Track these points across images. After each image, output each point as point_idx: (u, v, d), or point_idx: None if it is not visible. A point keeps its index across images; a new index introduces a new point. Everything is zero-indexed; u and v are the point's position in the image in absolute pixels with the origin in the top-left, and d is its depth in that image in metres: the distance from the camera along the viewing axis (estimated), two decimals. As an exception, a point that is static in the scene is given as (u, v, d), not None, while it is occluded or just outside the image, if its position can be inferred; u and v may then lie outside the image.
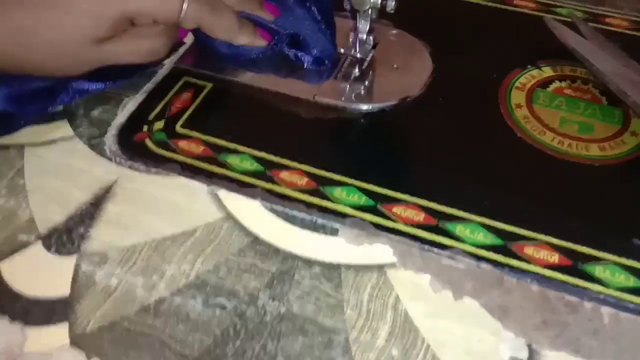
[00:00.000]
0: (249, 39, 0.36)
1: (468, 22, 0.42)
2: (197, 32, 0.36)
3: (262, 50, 0.37)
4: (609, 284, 0.26)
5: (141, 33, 0.34)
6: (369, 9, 0.35)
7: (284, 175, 0.31)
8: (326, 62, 0.37)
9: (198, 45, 0.39)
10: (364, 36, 0.36)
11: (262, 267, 0.27)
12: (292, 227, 0.29)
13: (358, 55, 0.36)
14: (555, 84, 0.36)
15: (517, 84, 0.36)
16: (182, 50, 0.39)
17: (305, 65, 0.37)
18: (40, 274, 0.27)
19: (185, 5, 0.33)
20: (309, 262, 0.27)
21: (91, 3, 0.31)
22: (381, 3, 0.34)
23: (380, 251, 0.28)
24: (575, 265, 0.27)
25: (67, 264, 0.28)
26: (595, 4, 0.43)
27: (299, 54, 0.37)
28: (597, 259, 0.27)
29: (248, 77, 0.37)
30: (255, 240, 0.28)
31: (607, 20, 0.41)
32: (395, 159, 0.32)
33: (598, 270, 0.26)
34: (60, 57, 0.33)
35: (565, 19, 0.41)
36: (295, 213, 0.29)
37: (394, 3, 0.33)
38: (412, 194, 0.30)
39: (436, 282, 0.26)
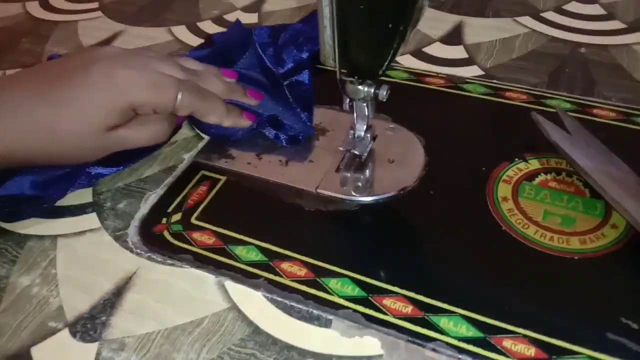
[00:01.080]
0: (235, 122, 0.43)
1: (461, 115, 0.45)
2: (191, 117, 0.42)
3: (246, 131, 0.43)
4: (582, 379, 0.28)
5: (145, 120, 0.40)
6: (364, 98, 0.38)
7: (285, 266, 0.34)
8: (301, 140, 0.42)
9: (214, 141, 0.44)
10: (362, 133, 0.40)
11: (261, 358, 0.30)
12: (289, 318, 0.32)
13: (356, 151, 0.39)
14: (541, 177, 0.39)
15: (504, 176, 0.39)
16: (200, 145, 0.44)
17: (283, 144, 0.42)
18: (66, 359, 0.31)
19: (179, 97, 0.39)
20: (303, 353, 0.30)
21: (102, 99, 0.37)
22: (374, 92, 0.37)
23: (369, 343, 0.30)
24: (550, 359, 0.29)
25: (90, 350, 0.31)
26: (584, 95, 0.46)
27: (278, 133, 0.42)
28: (572, 353, 0.29)
29: (257, 170, 0.41)
30: (256, 330, 0.31)
31: (595, 111, 0.44)
32: (387, 251, 0.35)
33: (572, 365, 0.28)
34: (78, 146, 0.38)
35: (552, 110, 0.44)
36: (293, 304, 0.32)
37: (385, 92, 0.36)
38: (401, 286, 0.33)
39: (419, 374, 0.29)
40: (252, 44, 0.49)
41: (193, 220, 0.38)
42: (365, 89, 0.36)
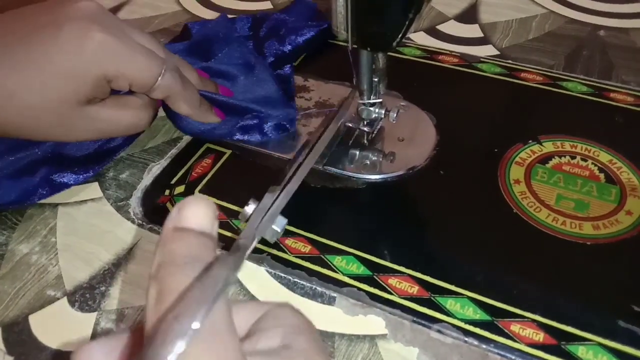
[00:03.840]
0: (205, 116, 0.39)
1: (474, 95, 0.44)
2: (166, 108, 0.39)
3: (224, 132, 0.40)
4: (591, 366, 0.27)
5: (124, 103, 0.36)
6: (375, 119, 0.39)
7: (290, 242, 0.34)
8: (289, 127, 0.40)
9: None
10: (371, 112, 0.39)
11: (262, 333, 0.29)
12: (292, 294, 0.31)
13: (365, 128, 0.38)
14: (555, 160, 0.38)
15: (517, 159, 0.38)
16: (205, 117, 0.43)
17: (270, 136, 0.40)
18: (64, 328, 0.30)
19: (162, 75, 0.34)
20: (305, 330, 0.29)
21: (71, 64, 0.32)
22: (384, 113, 0.38)
23: (373, 322, 0.29)
24: (559, 345, 0.28)
25: (88, 320, 0.30)
26: (601, 78, 0.45)
27: (261, 125, 0.40)
28: (581, 339, 0.28)
29: (263, 145, 0.40)
30: (258, 305, 0.30)
31: (612, 95, 0.43)
32: (393, 231, 0.34)
33: (581, 351, 0.28)
34: (41, 118, 0.33)
35: (571, 92, 0.43)
36: (297, 280, 0.32)
37: (395, 115, 0.38)
38: (407, 266, 0.32)
39: (424, 355, 0.28)
40: (234, 38, 0.46)
41: (197, 193, 0.37)
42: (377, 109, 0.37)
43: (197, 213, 0.18)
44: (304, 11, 0.51)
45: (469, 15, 0.54)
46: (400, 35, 0.30)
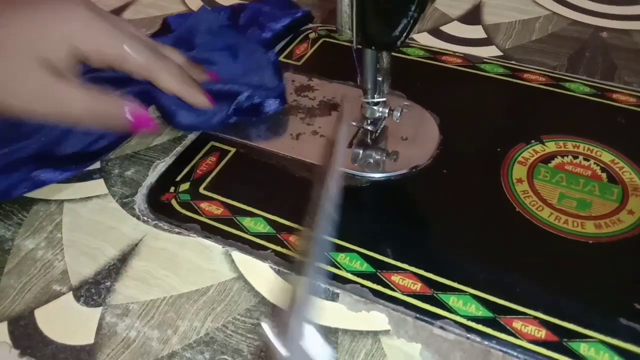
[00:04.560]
0: (194, 95, 0.38)
1: (477, 95, 0.44)
2: (157, 101, 0.39)
3: (220, 119, 0.40)
4: (593, 363, 0.27)
5: (95, 94, 0.33)
6: (379, 118, 0.39)
7: (293, 238, 0.34)
8: (280, 102, 0.41)
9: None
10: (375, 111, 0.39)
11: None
12: (296, 290, 0.31)
13: (369, 127, 0.39)
14: (557, 160, 0.38)
15: (519, 158, 0.38)
16: (210, 115, 0.43)
17: (263, 110, 0.41)
18: (69, 322, 0.31)
19: (128, 44, 0.34)
20: (309, 326, 0.29)
21: (42, 24, 0.32)
22: (388, 113, 0.38)
23: (376, 318, 0.30)
24: (561, 342, 0.28)
25: (93, 315, 0.31)
26: (604, 79, 0.45)
27: (255, 103, 0.41)
28: (583, 337, 0.28)
29: (268, 143, 0.40)
30: (262, 300, 0.31)
31: (615, 96, 0.43)
32: (397, 229, 0.34)
33: (583, 348, 0.28)
34: (7, 81, 0.31)
35: (573, 93, 0.43)
36: (301, 277, 0.32)
37: (399, 114, 0.38)
38: (410, 264, 0.32)
39: (426, 351, 0.28)
40: (215, 27, 0.47)
41: (201, 190, 0.37)
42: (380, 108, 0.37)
43: None
44: (278, 1, 0.54)
45: (472, 17, 0.55)
46: (404, 35, 0.30)
